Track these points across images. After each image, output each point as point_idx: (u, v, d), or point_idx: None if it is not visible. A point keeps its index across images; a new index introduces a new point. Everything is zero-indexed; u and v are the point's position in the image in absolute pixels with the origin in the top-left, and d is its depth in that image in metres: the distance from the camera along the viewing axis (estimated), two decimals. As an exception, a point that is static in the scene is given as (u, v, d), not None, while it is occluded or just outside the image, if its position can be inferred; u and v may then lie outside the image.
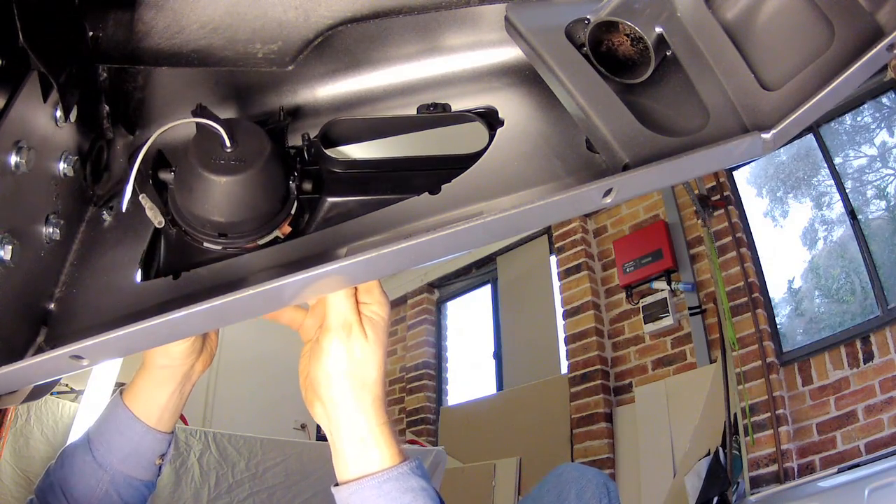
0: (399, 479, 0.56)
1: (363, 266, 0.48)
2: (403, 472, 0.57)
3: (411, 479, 0.57)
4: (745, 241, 3.33)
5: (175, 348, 0.66)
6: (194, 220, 0.55)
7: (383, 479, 0.56)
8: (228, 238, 0.56)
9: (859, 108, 3.20)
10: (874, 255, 2.98)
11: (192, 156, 0.54)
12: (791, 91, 0.51)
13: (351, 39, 0.64)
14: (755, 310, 3.12)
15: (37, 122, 0.56)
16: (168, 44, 0.63)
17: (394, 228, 0.56)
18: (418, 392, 4.32)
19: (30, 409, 2.14)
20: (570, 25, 0.57)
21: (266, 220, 0.56)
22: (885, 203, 3.11)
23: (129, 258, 0.60)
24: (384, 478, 0.56)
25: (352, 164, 0.58)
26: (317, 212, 0.57)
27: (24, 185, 0.54)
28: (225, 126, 0.53)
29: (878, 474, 2.03)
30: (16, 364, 0.50)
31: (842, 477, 2.28)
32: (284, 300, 0.51)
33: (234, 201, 0.54)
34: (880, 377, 2.67)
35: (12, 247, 0.51)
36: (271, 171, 0.55)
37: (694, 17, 0.56)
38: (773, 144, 0.48)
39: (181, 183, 0.55)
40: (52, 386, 1.62)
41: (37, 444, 2.14)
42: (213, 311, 0.48)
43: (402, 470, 0.57)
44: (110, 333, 0.48)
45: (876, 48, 0.48)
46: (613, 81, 0.56)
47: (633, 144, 0.48)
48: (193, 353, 0.69)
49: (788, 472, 2.78)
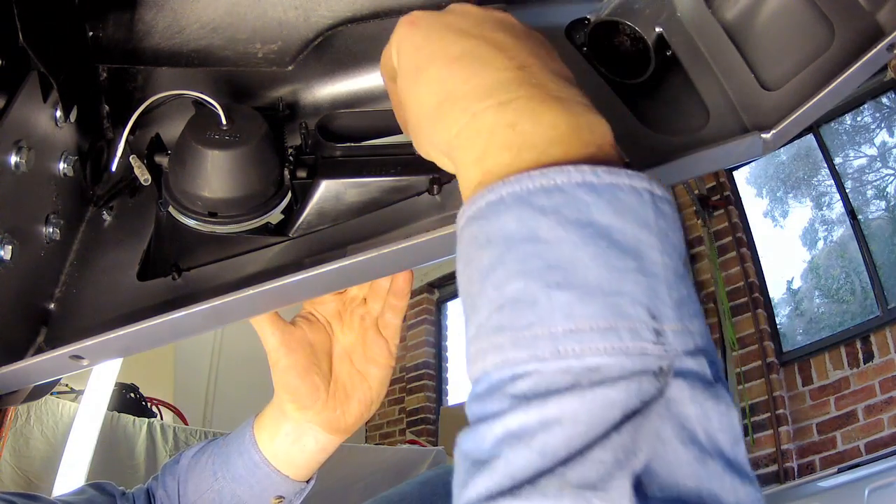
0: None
1: (363, 266, 0.48)
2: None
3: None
4: (745, 241, 3.32)
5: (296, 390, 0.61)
6: (185, 197, 0.55)
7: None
8: (218, 218, 0.55)
9: (859, 108, 3.20)
10: (874, 255, 2.98)
11: (187, 131, 0.54)
12: (791, 91, 0.51)
13: (351, 39, 0.64)
14: (755, 310, 3.12)
15: (37, 122, 0.56)
16: (168, 44, 0.63)
17: (394, 228, 0.56)
18: (418, 392, 4.32)
19: (30, 409, 2.14)
20: (570, 25, 0.57)
21: (258, 203, 0.56)
22: (885, 203, 3.11)
23: (129, 258, 0.60)
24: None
25: (348, 149, 0.58)
26: (310, 195, 0.57)
27: (24, 185, 0.54)
28: (223, 105, 0.53)
29: (878, 474, 2.03)
30: (16, 364, 0.50)
31: (842, 477, 2.28)
32: (284, 300, 0.51)
33: (225, 177, 0.53)
34: (880, 377, 2.67)
35: (12, 247, 0.52)
36: (265, 152, 0.55)
37: (694, 17, 0.56)
38: (773, 144, 0.48)
39: (175, 159, 0.55)
40: (52, 386, 1.63)
41: (37, 444, 2.14)
42: (213, 311, 0.48)
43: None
44: (110, 333, 0.48)
45: (876, 48, 0.48)
46: (613, 81, 0.56)
47: (634, 144, 0.48)
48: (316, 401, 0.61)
49: (788, 472, 2.78)
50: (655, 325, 0.28)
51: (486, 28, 0.39)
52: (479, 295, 0.31)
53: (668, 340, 0.28)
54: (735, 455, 0.28)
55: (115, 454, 2.32)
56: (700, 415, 0.28)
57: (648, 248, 0.30)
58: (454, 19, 0.40)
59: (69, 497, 0.66)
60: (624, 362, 0.27)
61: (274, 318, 0.61)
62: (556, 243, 0.29)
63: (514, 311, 0.29)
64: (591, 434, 0.26)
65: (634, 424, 0.27)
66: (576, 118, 0.33)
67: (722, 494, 0.27)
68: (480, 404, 0.29)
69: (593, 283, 0.28)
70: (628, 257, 0.29)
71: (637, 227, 0.30)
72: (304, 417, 0.62)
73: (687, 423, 0.28)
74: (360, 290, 0.66)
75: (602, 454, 0.26)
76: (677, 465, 0.27)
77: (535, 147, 0.32)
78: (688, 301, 0.30)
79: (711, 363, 0.30)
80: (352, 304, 0.66)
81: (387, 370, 0.66)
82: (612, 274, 0.29)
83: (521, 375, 0.28)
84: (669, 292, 0.29)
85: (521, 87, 0.34)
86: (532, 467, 0.26)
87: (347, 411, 0.63)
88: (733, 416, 0.29)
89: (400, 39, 0.41)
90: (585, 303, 0.28)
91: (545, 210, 0.30)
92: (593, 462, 0.26)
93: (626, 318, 0.28)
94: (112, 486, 0.69)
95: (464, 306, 0.33)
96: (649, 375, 0.28)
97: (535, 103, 0.34)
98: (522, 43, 0.38)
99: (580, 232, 0.29)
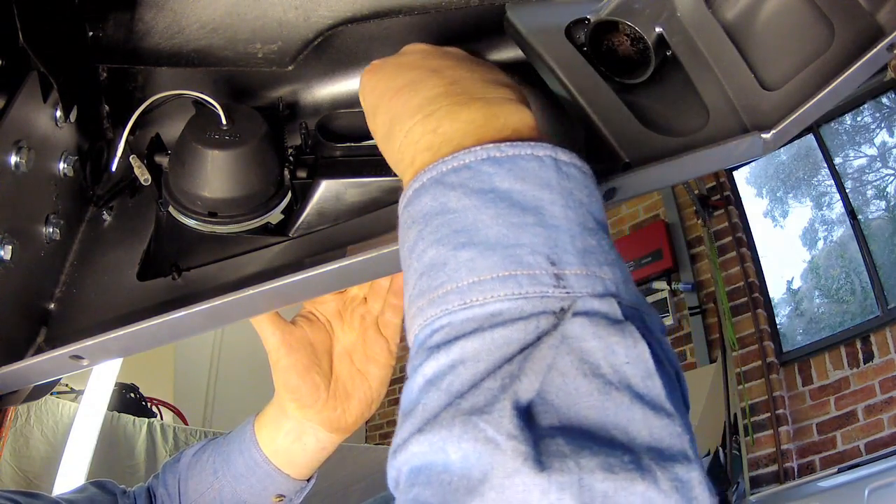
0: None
1: (363, 266, 0.48)
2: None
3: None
4: (745, 241, 3.33)
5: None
6: (185, 197, 0.55)
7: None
8: (218, 218, 0.55)
9: (859, 108, 3.20)
10: (874, 255, 2.98)
11: (187, 131, 0.54)
12: (791, 91, 0.51)
13: (351, 39, 0.63)
14: (755, 310, 3.12)
15: (37, 122, 0.56)
16: (168, 44, 0.63)
17: (394, 229, 0.56)
18: (418, 392, 4.32)
19: (30, 409, 2.14)
20: (570, 25, 0.57)
21: (258, 203, 0.56)
22: (885, 203, 3.12)
23: (129, 258, 0.60)
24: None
25: (348, 149, 0.58)
26: (310, 195, 0.57)
27: (24, 185, 0.54)
28: (223, 105, 0.54)
29: (878, 474, 2.03)
30: (16, 364, 0.50)
31: (842, 477, 2.29)
32: (284, 300, 0.51)
33: (225, 177, 0.54)
34: (880, 377, 2.67)
35: (12, 247, 0.52)
36: (265, 152, 0.55)
37: (694, 17, 0.56)
38: (773, 144, 0.48)
39: (175, 159, 0.56)
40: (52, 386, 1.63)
41: (37, 444, 2.14)
42: (213, 311, 0.48)
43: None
44: (110, 333, 0.48)
45: (876, 48, 0.48)
46: (613, 81, 0.56)
47: (633, 144, 0.48)
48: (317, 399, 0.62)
49: (788, 472, 2.78)
50: (556, 270, 0.31)
51: (429, 59, 0.45)
52: (408, 270, 0.35)
53: (570, 283, 0.30)
54: (647, 389, 0.28)
55: (115, 454, 2.32)
56: (603, 348, 0.29)
57: (549, 204, 0.32)
58: (403, 59, 0.46)
59: (70, 495, 0.66)
60: (524, 306, 0.30)
61: (274, 317, 0.61)
62: (462, 211, 0.33)
63: (430, 275, 0.32)
64: (488, 369, 0.29)
65: (524, 354, 0.29)
66: (493, 110, 0.37)
67: (630, 426, 0.27)
68: (411, 363, 0.32)
69: (493, 240, 0.31)
70: (528, 214, 0.32)
71: (537, 188, 0.33)
72: (305, 416, 0.62)
73: (588, 356, 0.28)
74: (360, 289, 0.66)
75: (491, 383, 0.28)
76: (577, 395, 0.28)
77: (451, 141, 0.36)
78: (597, 251, 0.32)
79: (627, 307, 0.31)
80: (352, 303, 0.66)
81: (387, 369, 0.66)
82: (511, 230, 0.31)
83: (437, 329, 0.31)
84: (573, 241, 0.32)
85: (448, 97, 0.39)
86: (440, 405, 0.28)
87: (348, 410, 0.64)
88: (643, 351, 0.29)
89: (362, 87, 0.47)
90: (486, 257, 0.31)
91: (454, 185, 0.34)
92: (482, 390, 0.28)
93: (524, 266, 0.31)
94: (113, 485, 0.69)
95: (403, 285, 0.36)
96: (549, 315, 0.30)
97: (457, 107, 0.38)
98: (460, 64, 0.43)
99: (482, 197, 0.33)
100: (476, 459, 0.26)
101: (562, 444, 0.26)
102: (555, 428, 0.27)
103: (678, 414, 0.28)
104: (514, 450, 0.25)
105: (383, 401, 0.67)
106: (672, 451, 0.27)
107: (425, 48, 0.47)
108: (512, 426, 0.26)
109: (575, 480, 0.25)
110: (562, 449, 0.26)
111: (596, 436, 0.26)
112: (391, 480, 0.30)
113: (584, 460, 0.25)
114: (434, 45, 0.48)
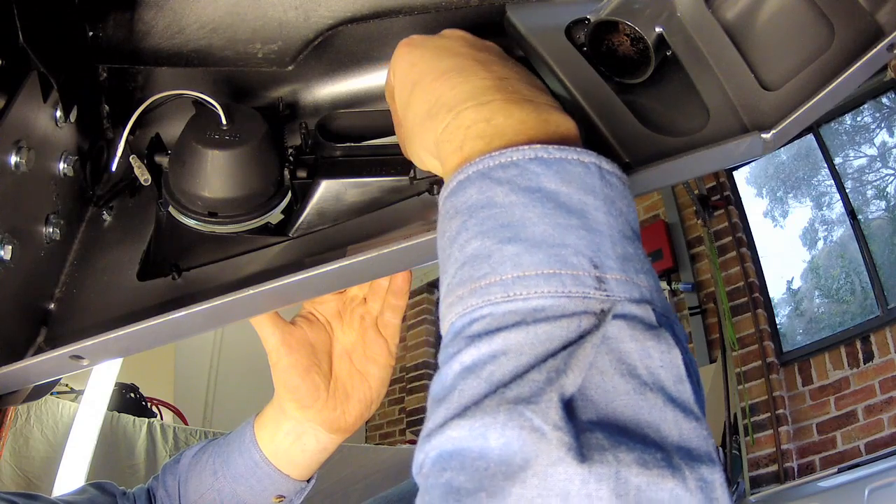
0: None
1: (363, 266, 0.48)
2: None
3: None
4: (745, 241, 3.32)
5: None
6: (184, 197, 0.55)
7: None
8: (218, 218, 0.56)
9: (859, 108, 3.20)
10: (874, 255, 2.98)
11: (187, 131, 0.54)
12: (791, 91, 0.51)
13: (351, 39, 0.63)
14: (755, 310, 3.12)
15: (37, 122, 0.56)
16: (168, 44, 0.63)
17: (394, 228, 0.56)
18: (418, 392, 4.33)
19: (30, 409, 2.14)
20: (570, 25, 0.57)
21: (258, 203, 0.56)
22: (885, 203, 3.11)
23: (129, 258, 0.60)
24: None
25: (348, 149, 0.58)
26: (310, 195, 0.57)
27: (24, 185, 0.54)
28: (223, 105, 0.54)
29: (878, 474, 2.03)
30: (16, 364, 0.50)
31: (842, 477, 2.29)
32: (284, 300, 0.51)
33: (225, 177, 0.54)
34: (880, 377, 2.67)
35: (12, 247, 0.52)
36: (265, 151, 0.55)
37: (694, 17, 0.56)
38: (774, 144, 0.48)
39: (175, 159, 0.56)
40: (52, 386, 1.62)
41: (37, 444, 2.14)
42: (213, 311, 0.48)
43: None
44: (110, 333, 0.49)
45: (876, 48, 0.48)
46: (613, 81, 0.56)
47: (633, 144, 0.48)
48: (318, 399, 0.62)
49: (788, 472, 2.78)
50: (598, 273, 0.32)
51: (472, 48, 0.45)
52: (447, 259, 0.35)
53: (611, 287, 0.31)
54: (679, 392, 0.30)
55: (115, 454, 2.32)
56: (640, 350, 0.30)
57: (593, 209, 0.33)
58: (445, 42, 0.47)
59: (70, 497, 0.66)
60: (566, 304, 0.31)
61: (274, 317, 0.61)
62: (509, 206, 0.33)
63: (472, 265, 0.33)
64: (531, 362, 0.29)
65: (569, 351, 0.29)
66: (544, 115, 0.38)
67: (663, 426, 0.28)
68: (445, 351, 0.33)
69: (538, 237, 0.32)
70: (573, 216, 0.33)
71: (583, 193, 0.34)
72: (305, 416, 0.62)
73: (626, 357, 0.30)
74: (360, 289, 0.66)
75: (537, 375, 0.29)
76: (615, 394, 0.29)
77: (504, 136, 0.37)
78: (635, 259, 0.33)
79: (661, 315, 0.32)
80: (352, 303, 0.66)
81: (387, 370, 0.66)
82: (557, 230, 0.32)
83: (477, 319, 0.32)
84: (614, 247, 0.33)
85: (499, 92, 0.40)
86: (480, 393, 0.29)
87: (348, 410, 0.64)
88: (676, 356, 0.30)
89: (397, 59, 0.47)
90: (531, 253, 0.32)
91: (501, 181, 0.34)
92: (528, 381, 0.29)
93: (569, 266, 0.31)
94: (113, 486, 0.69)
95: (440, 272, 0.36)
96: (590, 315, 0.31)
97: (510, 104, 0.39)
98: (503, 61, 0.44)
99: (530, 196, 0.33)
100: (519, 447, 0.27)
101: (601, 437, 0.27)
102: (593, 422, 0.28)
103: (704, 418, 0.30)
104: (559, 440, 0.26)
105: (383, 401, 0.67)
106: (699, 452, 0.28)
107: (465, 35, 0.48)
108: (558, 417, 0.27)
109: (613, 473, 0.26)
110: (601, 442, 0.27)
111: (631, 433, 0.28)
112: (416, 465, 0.31)
113: (621, 454, 0.26)
114: (472, 35, 0.48)
